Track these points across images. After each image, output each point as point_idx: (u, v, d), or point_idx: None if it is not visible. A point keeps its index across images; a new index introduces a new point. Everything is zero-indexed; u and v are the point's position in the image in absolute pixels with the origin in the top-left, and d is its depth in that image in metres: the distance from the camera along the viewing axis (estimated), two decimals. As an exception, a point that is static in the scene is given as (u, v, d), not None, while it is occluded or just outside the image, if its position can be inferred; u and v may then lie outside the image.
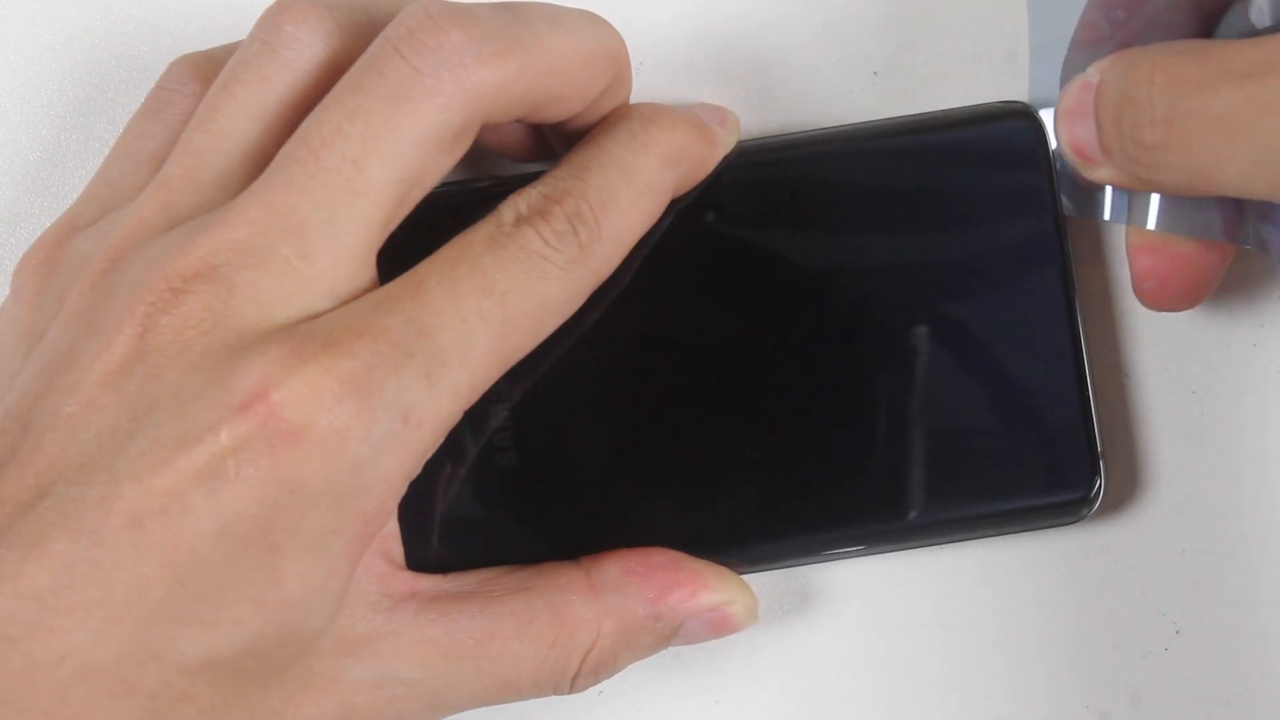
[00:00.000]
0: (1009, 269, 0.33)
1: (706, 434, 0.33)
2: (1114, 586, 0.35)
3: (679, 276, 0.33)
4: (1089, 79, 0.31)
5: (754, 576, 0.34)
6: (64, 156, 0.36)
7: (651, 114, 0.32)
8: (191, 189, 0.30)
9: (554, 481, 0.33)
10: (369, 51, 0.29)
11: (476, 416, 0.33)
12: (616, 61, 0.32)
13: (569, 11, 0.31)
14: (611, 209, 0.31)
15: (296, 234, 0.28)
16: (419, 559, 0.32)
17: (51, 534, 0.27)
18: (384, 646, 0.30)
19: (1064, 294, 0.33)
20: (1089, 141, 0.31)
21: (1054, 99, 0.32)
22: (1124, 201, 0.33)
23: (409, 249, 0.30)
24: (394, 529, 0.31)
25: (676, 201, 0.33)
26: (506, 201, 0.31)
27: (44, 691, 0.27)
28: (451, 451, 0.33)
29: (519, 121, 0.32)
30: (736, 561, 0.33)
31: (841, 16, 0.36)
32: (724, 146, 0.33)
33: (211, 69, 0.32)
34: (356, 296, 0.29)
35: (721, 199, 0.33)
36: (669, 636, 0.33)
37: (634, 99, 0.33)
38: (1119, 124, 0.30)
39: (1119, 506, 0.35)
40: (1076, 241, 0.34)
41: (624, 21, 0.32)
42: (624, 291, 0.33)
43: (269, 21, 0.31)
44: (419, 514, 0.32)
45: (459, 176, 0.35)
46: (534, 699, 0.32)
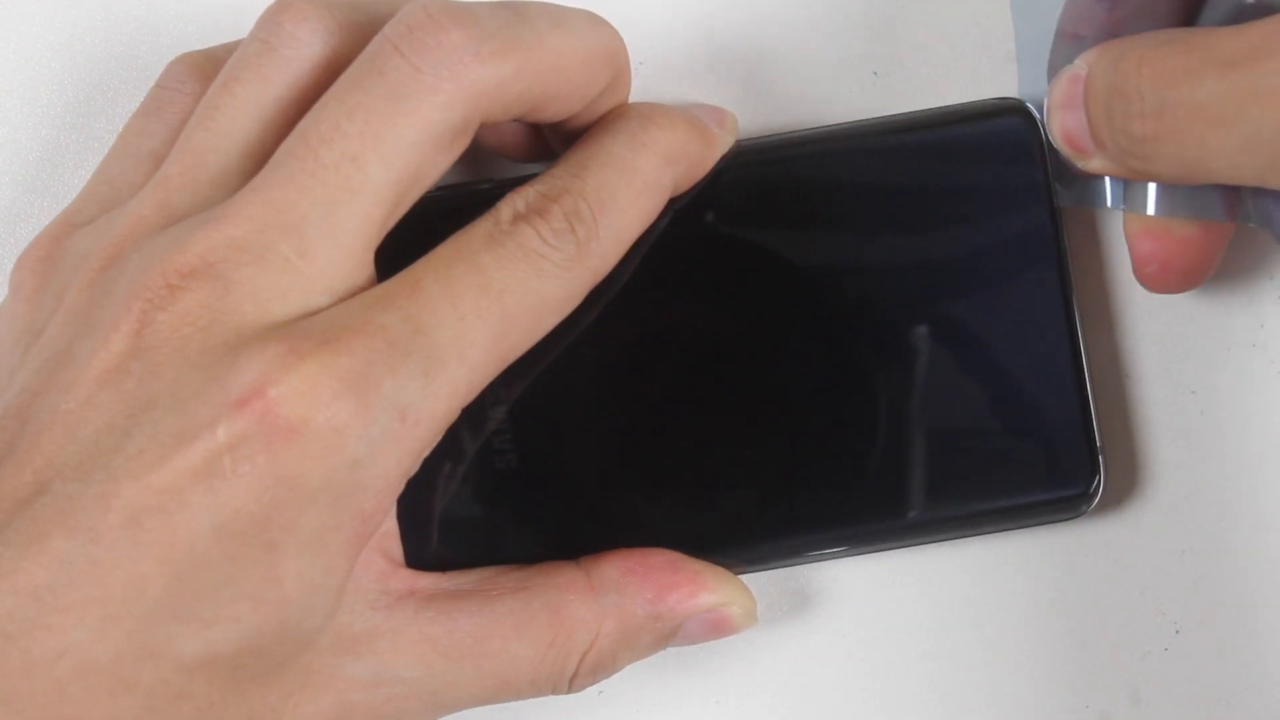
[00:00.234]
0: (1006, 266, 0.33)
1: (705, 434, 0.33)
2: (1114, 586, 0.35)
3: (677, 276, 0.33)
4: (1077, 71, 0.31)
5: (753, 576, 0.34)
6: (64, 156, 0.36)
7: (650, 113, 0.32)
8: (190, 187, 0.30)
9: (553, 481, 0.33)
10: (368, 49, 0.29)
11: (476, 415, 0.33)
12: (616, 61, 0.32)
13: (569, 11, 0.31)
14: (610, 207, 0.31)
15: (294, 231, 0.28)
16: (418, 557, 0.32)
17: (49, 531, 0.27)
18: (383, 644, 0.30)
19: (1061, 290, 0.33)
20: (1080, 133, 0.31)
21: (1043, 96, 0.33)
22: (1121, 189, 0.33)
23: (409, 252, 0.30)
24: (393, 527, 0.31)
25: (675, 201, 0.33)
26: (504, 200, 0.30)
27: (42, 689, 0.27)
28: (450, 450, 0.33)
29: (518, 121, 0.32)
30: (735, 561, 0.33)
31: (842, 16, 0.36)
32: (722, 146, 0.33)
33: (211, 68, 0.32)
34: (354, 294, 0.29)
35: (719, 198, 0.33)
36: (668, 637, 0.33)
37: (634, 99, 0.33)
38: (1109, 116, 0.31)
39: (1119, 506, 0.35)
40: (1074, 238, 0.34)
41: (624, 21, 0.32)
42: (622, 291, 0.33)
43: (269, 20, 0.31)
44: (418, 512, 0.32)
45: (458, 178, 0.35)
46: (533, 699, 0.32)
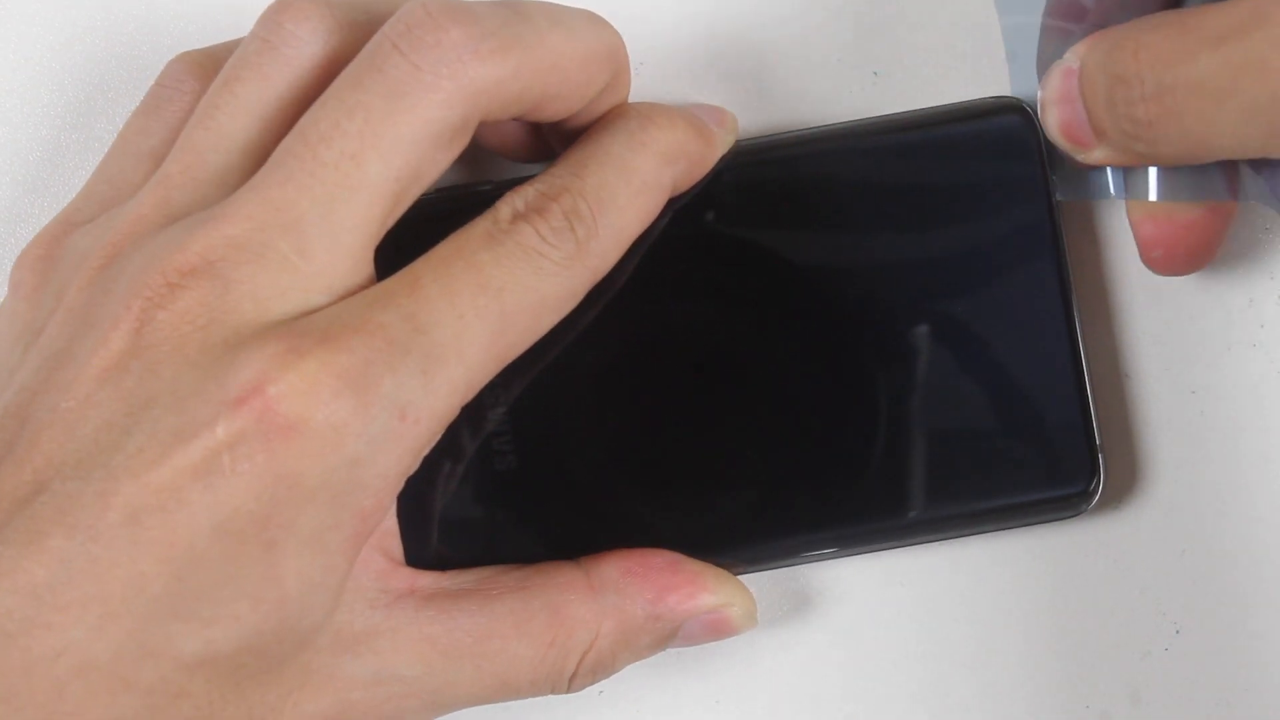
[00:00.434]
0: (1005, 265, 0.33)
1: (703, 434, 0.33)
2: (1114, 586, 0.35)
3: (677, 276, 0.33)
4: (1068, 65, 0.31)
5: (753, 576, 0.34)
6: (64, 156, 0.36)
7: (649, 113, 0.32)
8: (191, 186, 0.30)
9: (553, 481, 0.33)
10: (368, 48, 0.29)
11: (476, 414, 0.33)
12: (616, 60, 0.32)
13: (569, 10, 0.31)
14: (609, 206, 0.31)
15: (294, 230, 0.28)
16: (418, 556, 0.32)
17: (48, 530, 0.27)
18: (382, 643, 0.30)
19: (1060, 288, 0.33)
20: (1079, 125, 0.31)
21: (1035, 92, 0.32)
22: (1121, 178, 0.33)
23: (408, 252, 0.30)
24: (393, 525, 0.31)
25: (675, 201, 0.33)
26: (503, 199, 0.30)
27: (41, 688, 0.27)
28: (451, 449, 0.33)
29: (517, 120, 0.32)
30: (735, 561, 0.33)
31: (842, 16, 0.36)
32: (722, 146, 0.33)
33: (211, 66, 0.32)
34: (354, 293, 0.29)
35: (719, 198, 0.33)
36: (667, 638, 0.32)
37: (634, 99, 0.33)
38: (1111, 104, 0.31)
39: (1119, 506, 0.35)
40: (1073, 236, 0.34)
41: (624, 21, 0.32)
42: (622, 291, 0.33)
43: (270, 19, 0.31)
44: (418, 511, 0.32)
45: (458, 178, 0.35)
46: (532, 698, 0.32)
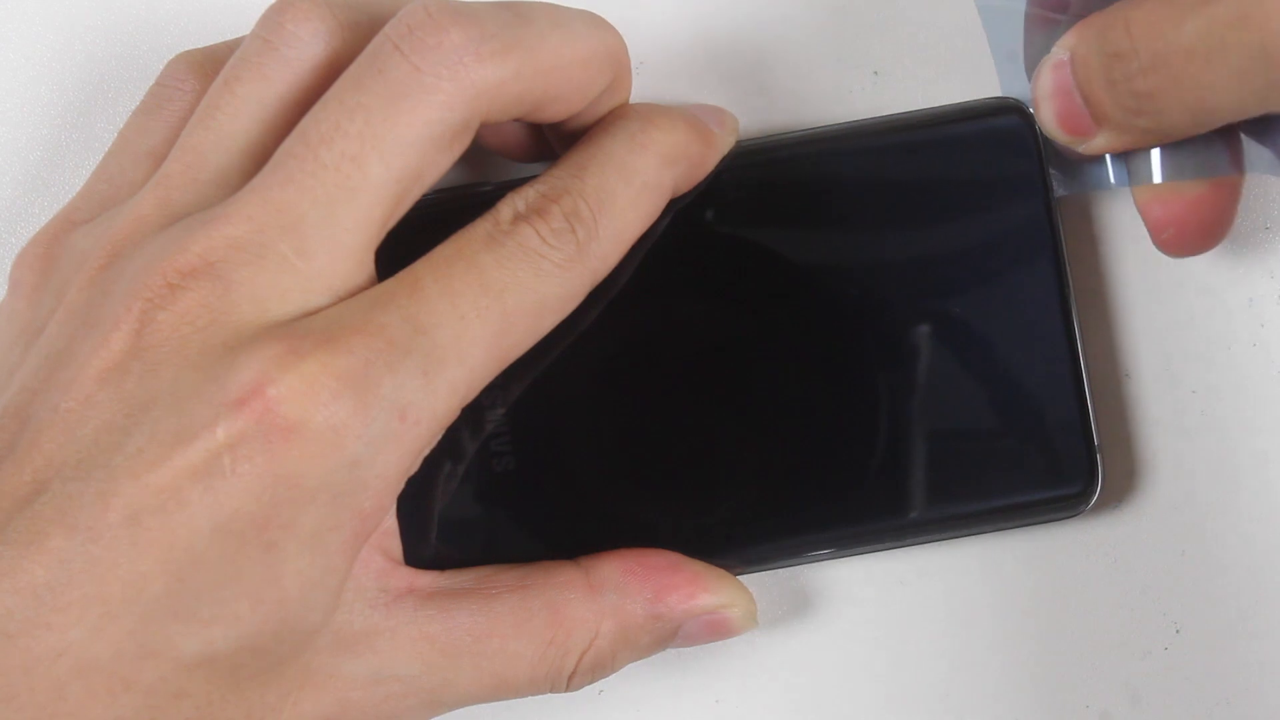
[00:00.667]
0: (1004, 265, 0.33)
1: (704, 434, 0.33)
2: (1114, 586, 0.35)
3: (677, 277, 0.33)
4: (1058, 58, 0.31)
5: (752, 576, 0.34)
6: (64, 156, 0.36)
7: (650, 114, 0.32)
8: (191, 186, 0.30)
9: (554, 481, 0.33)
10: (369, 49, 0.29)
11: (477, 415, 0.33)
12: (616, 62, 0.32)
13: (570, 11, 0.31)
14: (609, 208, 0.31)
15: (294, 231, 0.28)
16: (417, 556, 0.32)
17: (48, 530, 0.27)
18: (382, 643, 0.30)
19: (1059, 289, 0.33)
20: (1078, 115, 0.31)
21: (1027, 91, 0.32)
22: (1123, 166, 0.33)
23: (409, 252, 0.30)
24: (392, 525, 0.31)
25: (676, 202, 0.33)
26: (504, 200, 0.31)
27: (41, 688, 0.27)
28: (451, 449, 0.33)
29: (518, 121, 0.32)
30: (733, 561, 0.33)
31: (842, 16, 0.36)
32: (723, 147, 0.33)
33: (211, 66, 0.32)
34: (355, 294, 0.29)
35: (720, 198, 0.33)
36: (668, 638, 0.33)
37: (634, 99, 0.33)
38: (1110, 83, 0.30)
39: (1119, 506, 0.35)
40: (1072, 236, 0.34)
41: (624, 21, 0.32)
42: (623, 292, 0.33)
43: (271, 20, 0.31)
44: (418, 510, 0.32)
45: (459, 179, 0.35)
46: (531, 697, 0.32)
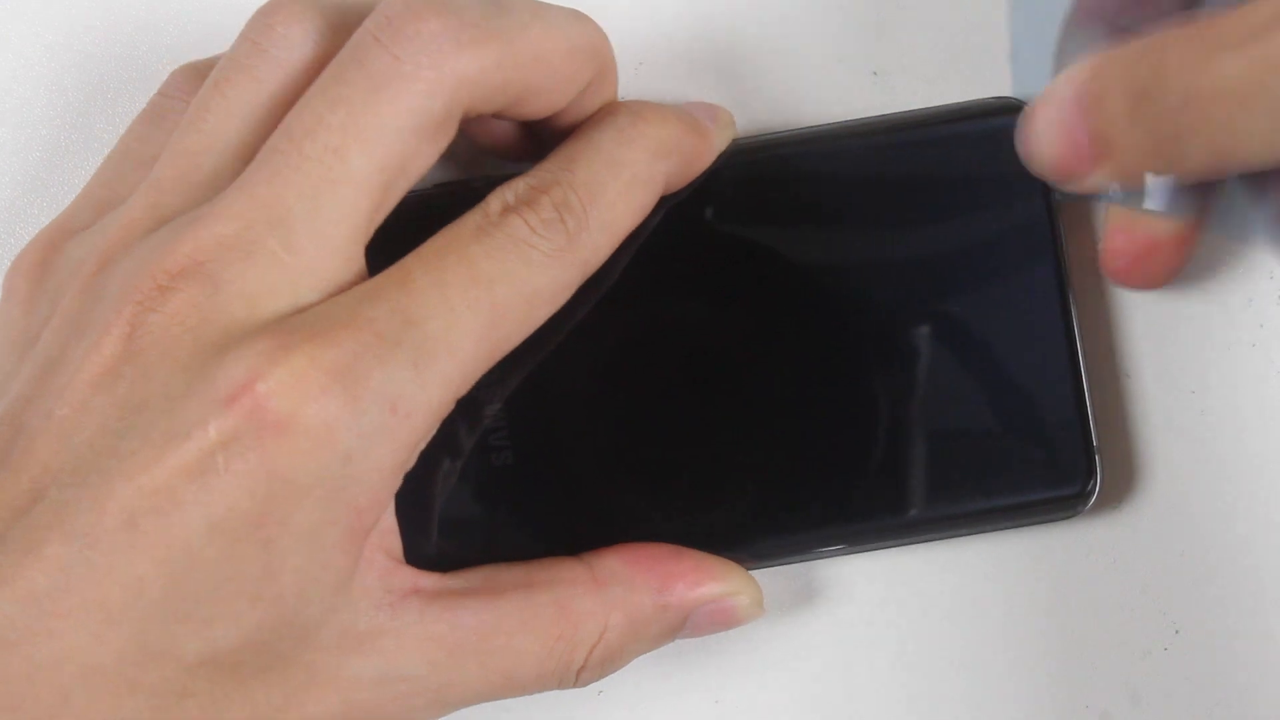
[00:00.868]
0: (1004, 265, 0.33)
1: (705, 431, 0.33)
2: (1114, 586, 0.35)
3: (676, 273, 0.33)
4: (1065, 91, 0.31)
5: (751, 573, 0.34)
6: (64, 156, 0.36)
7: (640, 109, 0.32)
8: (182, 189, 0.30)
9: (554, 478, 0.33)
10: (349, 42, 0.30)
11: (476, 412, 0.33)
12: (599, 56, 0.32)
13: (551, 5, 0.31)
14: (599, 199, 0.31)
15: (281, 225, 0.28)
16: (418, 555, 0.32)
17: (46, 537, 0.27)
18: (387, 643, 0.30)
19: (1059, 289, 0.33)
20: (1079, 152, 0.31)
21: (1038, 90, 0.32)
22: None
23: (399, 249, 0.30)
24: (393, 525, 0.31)
25: (673, 198, 0.33)
26: (494, 192, 0.31)
27: (45, 695, 0.27)
28: (450, 447, 0.33)
29: (505, 118, 0.31)
30: (733, 558, 0.33)
31: (842, 16, 0.36)
32: (718, 142, 0.33)
33: None
34: (345, 289, 0.29)
35: (717, 195, 0.33)
36: (676, 627, 0.32)
37: (632, 98, 0.33)
38: (1134, 120, 0.30)
39: (1119, 506, 0.35)
40: (1071, 237, 0.34)
41: (624, 21, 0.32)
42: (621, 288, 0.33)
43: (260, 22, 0.31)
44: (418, 510, 0.32)
45: (451, 176, 0.35)
46: (538, 693, 0.32)
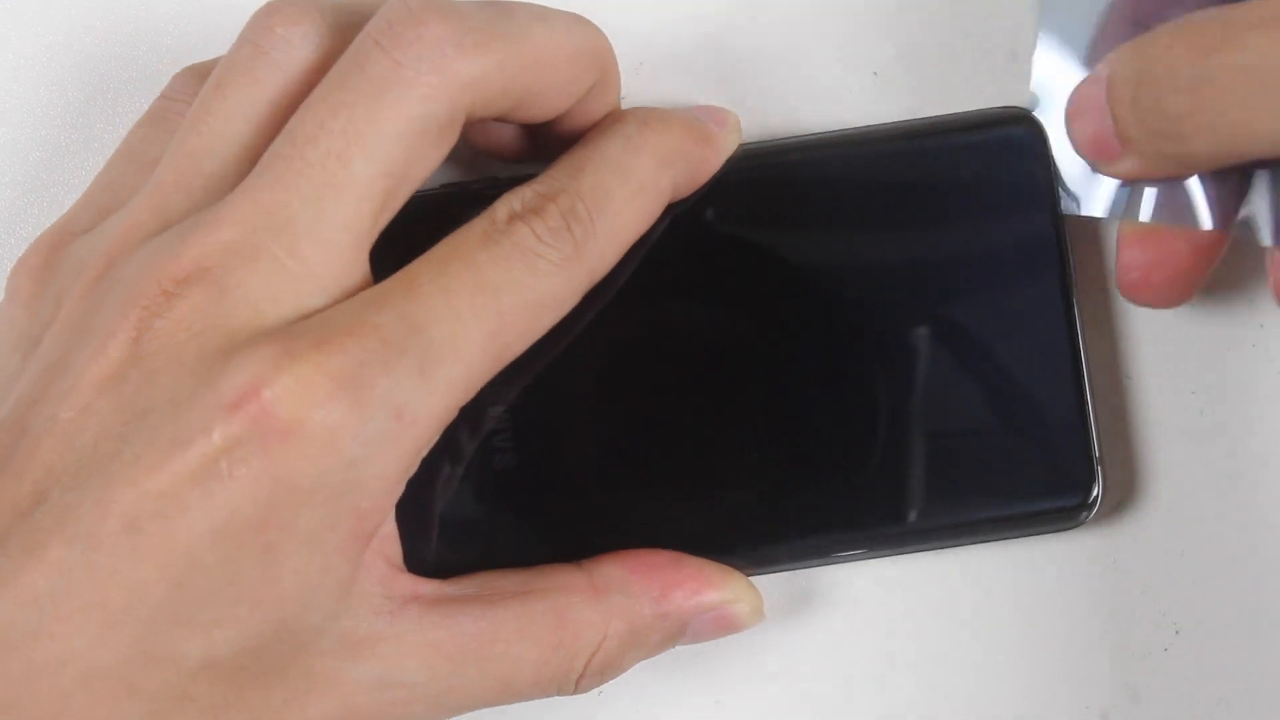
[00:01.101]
0: (1010, 274, 0.33)
1: (706, 437, 0.33)
2: (1114, 587, 0.35)
3: (681, 279, 0.33)
4: (1097, 75, 0.31)
5: (752, 579, 0.34)
6: (64, 156, 0.36)
7: (646, 116, 0.32)
8: (184, 191, 0.30)
9: (555, 485, 0.33)
10: (351, 47, 0.29)
11: (477, 418, 0.33)
12: (601, 60, 0.32)
13: (553, 9, 0.31)
14: (606, 207, 0.31)
15: (285, 231, 0.28)
16: (418, 561, 0.32)
17: (48, 540, 0.27)
18: (387, 649, 0.30)
19: (1064, 299, 0.33)
20: (1105, 135, 0.31)
21: (1057, 91, 0.32)
22: (1125, 197, 0.33)
23: (406, 253, 0.30)
24: (393, 531, 0.31)
25: (680, 204, 0.33)
26: (501, 199, 0.30)
27: (46, 697, 0.27)
28: (451, 453, 0.33)
29: (508, 122, 0.31)
30: (733, 565, 0.33)
31: (841, 16, 0.36)
32: (725, 147, 0.33)
33: None
34: (349, 295, 0.29)
35: (724, 201, 0.33)
36: (676, 635, 0.32)
37: (634, 101, 0.33)
38: (1136, 104, 0.30)
39: (1119, 506, 0.35)
40: (1077, 245, 0.34)
41: (624, 22, 0.32)
42: (626, 293, 0.33)
43: (259, 24, 0.31)
44: (418, 516, 0.32)
45: (456, 178, 0.35)
46: (537, 700, 0.32)
